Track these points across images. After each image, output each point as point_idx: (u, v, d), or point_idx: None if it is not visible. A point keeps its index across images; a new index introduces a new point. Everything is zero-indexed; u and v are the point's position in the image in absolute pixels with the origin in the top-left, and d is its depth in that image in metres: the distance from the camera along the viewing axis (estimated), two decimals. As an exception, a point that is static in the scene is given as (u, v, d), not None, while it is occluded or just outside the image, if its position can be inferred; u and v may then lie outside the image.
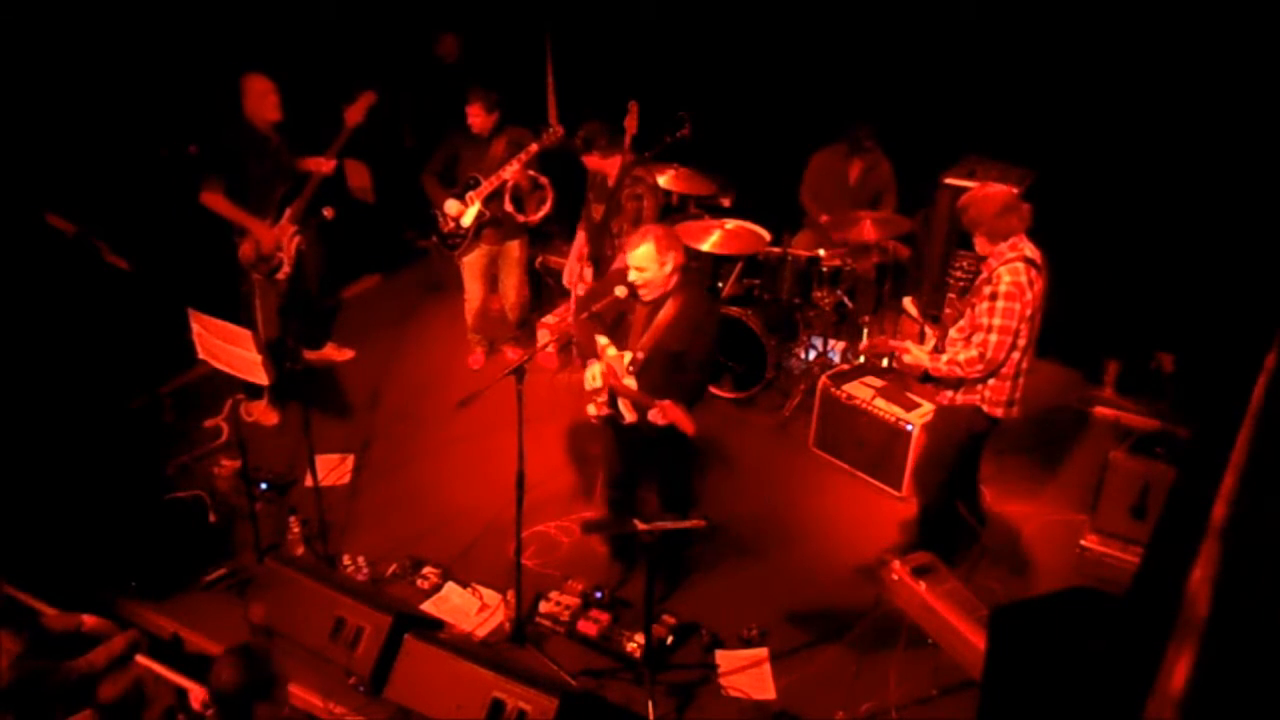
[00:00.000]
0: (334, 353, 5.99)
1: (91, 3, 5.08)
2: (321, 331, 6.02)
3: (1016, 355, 3.82)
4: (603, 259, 5.20)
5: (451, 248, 5.57)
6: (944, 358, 3.88)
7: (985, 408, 3.93)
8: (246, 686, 2.71)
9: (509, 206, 5.42)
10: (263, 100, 4.91)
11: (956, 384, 3.96)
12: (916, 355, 3.97)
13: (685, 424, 3.70)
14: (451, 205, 5.41)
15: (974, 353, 3.79)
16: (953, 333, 3.96)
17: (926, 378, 4.04)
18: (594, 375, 3.87)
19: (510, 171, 5.23)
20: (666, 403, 3.70)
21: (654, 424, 3.77)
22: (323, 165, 5.10)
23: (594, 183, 5.25)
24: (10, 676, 3.15)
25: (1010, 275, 3.72)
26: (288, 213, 5.04)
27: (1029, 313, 3.75)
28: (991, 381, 3.88)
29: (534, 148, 5.17)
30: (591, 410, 3.99)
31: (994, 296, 3.74)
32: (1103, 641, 2.57)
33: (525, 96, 6.97)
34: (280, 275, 5.11)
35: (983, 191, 3.88)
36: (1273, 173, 4.75)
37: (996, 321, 3.73)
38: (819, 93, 6.13)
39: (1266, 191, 4.80)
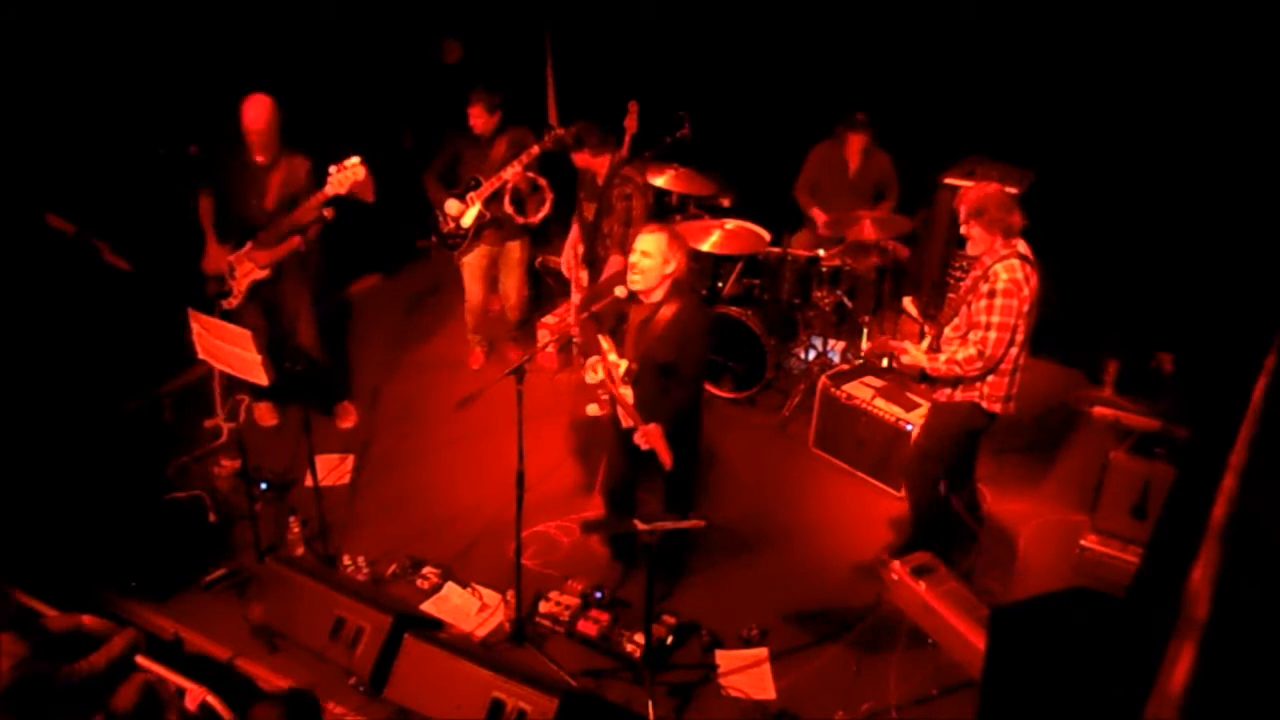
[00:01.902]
0: (339, 417, 5.48)
1: (91, 3, 5.08)
2: (328, 394, 5.48)
3: (1014, 351, 3.83)
4: (596, 260, 5.20)
5: (452, 248, 5.57)
6: (942, 357, 3.89)
7: (984, 404, 3.94)
8: None
9: (509, 208, 5.42)
10: (246, 116, 4.64)
11: (954, 382, 3.96)
12: (914, 355, 3.97)
13: (664, 456, 3.77)
14: (452, 205, 5.41)
15: (972, 350, 3.80)
16: (948, 331, 3.97)
17: (924, 377, 4.04)
18: (595, 370, 3.89)
19: (511, 173, 5.22)
20: (652, 428, 3.76)
21: (639, 445, 3.81)
22: (299, 219, 4.75)
23: (584, 182, 5.25)
24: (12, 678, 3.14)
25: (1007, 273, 3.73)
26: (248, 245, 4.82)
27: (1026, 309, 3.76)
28: (990, 378, 3.89)
29: (535, 150, 5.16)
30: (593, 409, 4.01)
31: (992, 294, 3.74)
32: (1103, 641, 2.58)
33: (525, 97, 6.97)
34: (226, 304, 4.91)
35: (984, 190, 3.86)
36: (1273, 173, 4.75)
37: (995, 319, 3.74)
38: (819, 93, 6.14)
39: (1266, 191, 4.80)
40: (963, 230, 3.88)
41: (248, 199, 4.79)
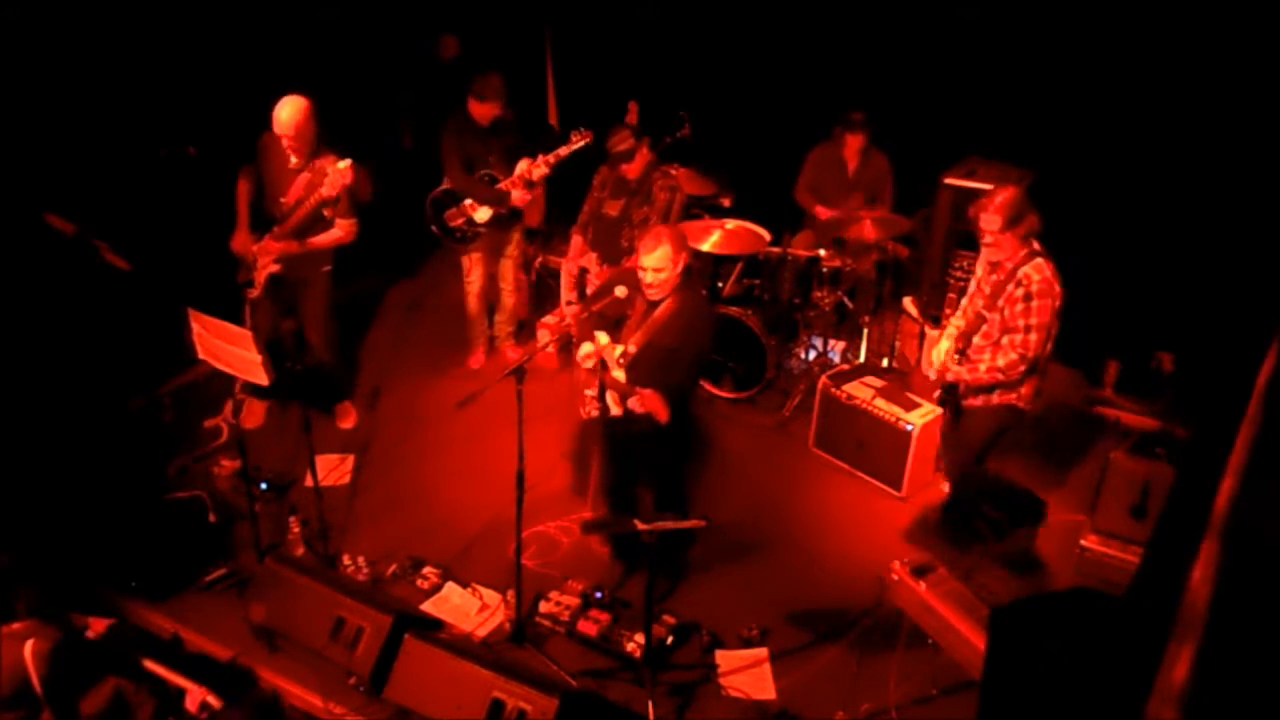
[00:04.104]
0: (339, 417, 5.51)
1: (91, 3, 5.08)
2: (329, 394, 5.49)
3: (1049, 348, 3.88)
4: (620, 252, 5.20)
5: (459, 241, 5.57)
6: (982, 366, 3.93)
7: (1020, 404, 3.99)
8: None
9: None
10: (276, 117, 4.59)
11: (991, 388, 3.97)
12: (955, 371, 3.99)
13: (660, 412, 3.77)
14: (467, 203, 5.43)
15: (1014, 355, 3.83)
16: (977, 340, 3.97)
17: (947, 394, 4.03)
18: (587, 354, 3.89)
19: (539, 173, 5.27)
20: (647, 391, 3.78)
21: (634, 411, 3.85)
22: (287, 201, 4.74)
23: (608, 181, 5.24)
24: (50, 663, 3.14)
25: (1039, 274, 3.77)
26: (266, 238, 4.83)
27: (1059, 306, 3.79)
28: (1028, 378, 3.93)
29: (564, 151, 5.23)
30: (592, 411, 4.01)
31: (1028, 297, 3.78)
32: (1103, 641, 2.57)
33: (525, 96, 6.97)
34: (249, 294, 4.94)
35: (1012, 195, 3.81)
36: (1273, 173, 4.75)
37: (1034, 320, 3.78)
38: (819, 93, 6.14)
39: (1266, 191, 4.80)
40: (992, 238, 3.81)
41: (273, 194, 4.80)
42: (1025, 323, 3.78)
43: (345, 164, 4.53)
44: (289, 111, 4.57)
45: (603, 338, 3.91)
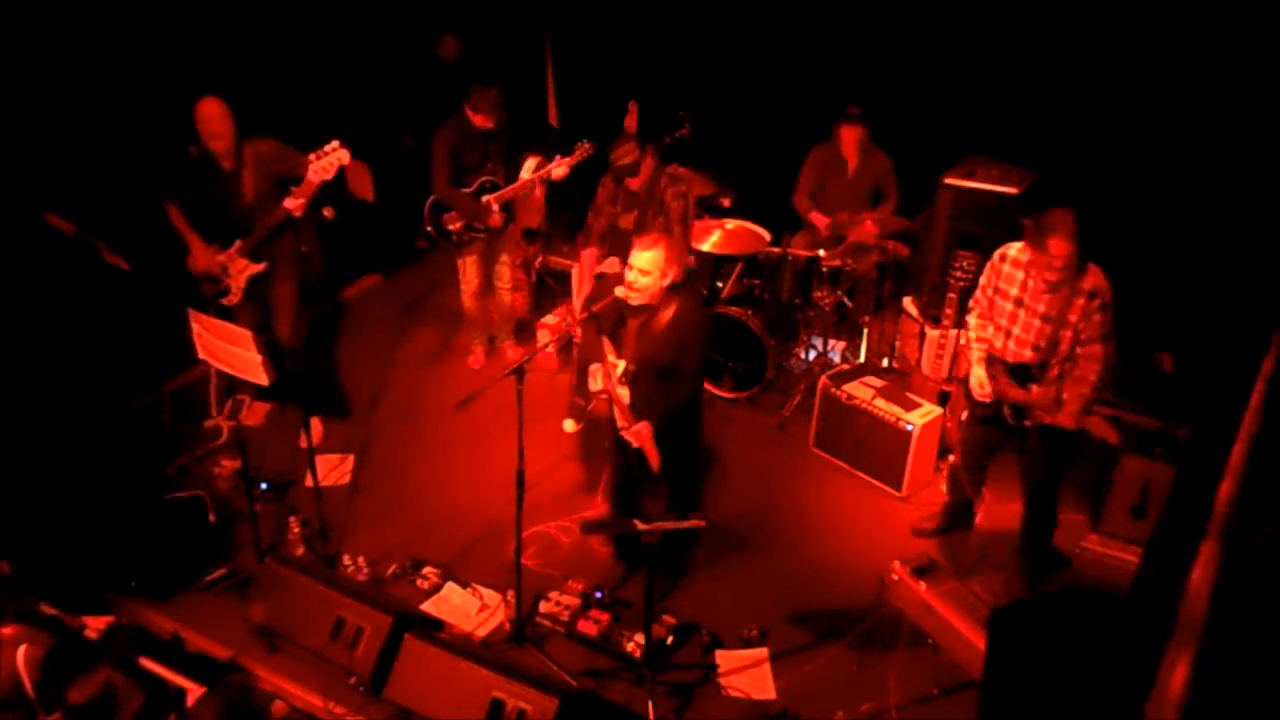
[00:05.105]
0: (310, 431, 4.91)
1: (91, 3, 5.08)
2: (321, 402, 5.42)
3: None
4: None
5: (458, 245, 5.57)
6: (1075, 391, 3.87)
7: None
8: None
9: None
10: (205, 128, 4.58)
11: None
12: (1060, 407, 3.89)
13: (653, 457, 3.79)
14: None
15: (1099, 367, 3.83)
16: (1051, 361, 3.94)
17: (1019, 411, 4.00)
18: (596, 378, 3.90)
19: (540, 191, 5.28)
20: (643, 427, 3.79)
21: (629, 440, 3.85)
22: (290, 208, 4.67)
23: (617, 195, 5.19)
24: (42, 669, 3.13)
25: (1103, 281, 3.77)
26: (236, 244, 4.80)
27: None
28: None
29: (569, 161, 5.24)
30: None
31: (1104, 307, 3.78)
32: (1103, 641, 2.58)
33: (526, 96, 6.98)
34: (226, 301, 4.91)
35: (1071, 211, 3.75)
36: (1272, 173, 4.75)
37: (1110, 328, 3.80)
38: (819, 93, 6.14)
39: (1266, 191, 4.80)
40: (1063, 261, 3.73)
41: (228, 204, 4.74)
42: (1103, 332, 3.79)
43: (334, 144, 4.48)
44: (221, 116, 4.53)
45: (609, 353, 3.93)
